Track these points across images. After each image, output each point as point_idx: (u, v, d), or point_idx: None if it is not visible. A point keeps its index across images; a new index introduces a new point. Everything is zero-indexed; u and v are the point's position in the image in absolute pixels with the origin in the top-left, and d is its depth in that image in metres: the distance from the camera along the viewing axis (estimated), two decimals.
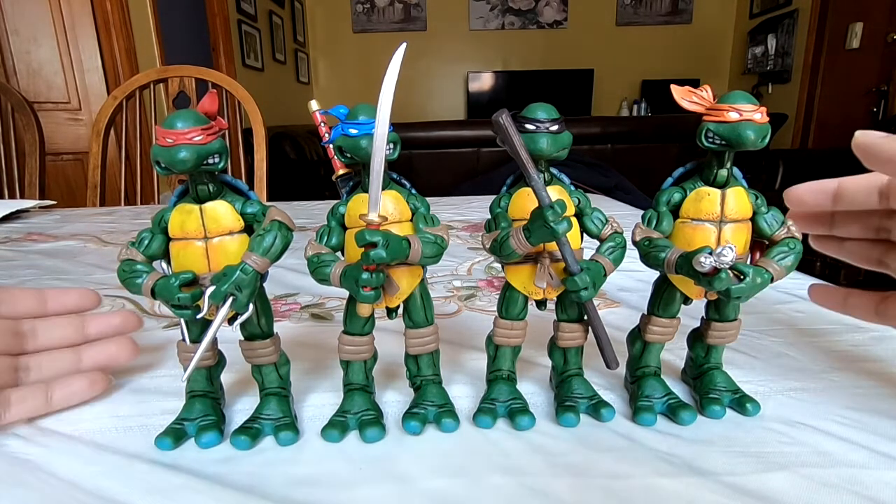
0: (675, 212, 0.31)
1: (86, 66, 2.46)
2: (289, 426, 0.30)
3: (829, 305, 0.36)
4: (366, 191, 0.29)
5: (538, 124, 0.29)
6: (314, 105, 0.35)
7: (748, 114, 0.27)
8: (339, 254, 0.30)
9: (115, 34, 2.44)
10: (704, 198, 0.30)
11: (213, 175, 0.29)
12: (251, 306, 0.29)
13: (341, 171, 0.33)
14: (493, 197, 0.32)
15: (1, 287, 0.35)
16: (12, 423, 0.31)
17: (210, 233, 0.29)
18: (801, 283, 0.57)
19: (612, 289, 0.56)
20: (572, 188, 0.32)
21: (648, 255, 0.31)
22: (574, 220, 0.31)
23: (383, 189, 0.29)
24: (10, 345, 0.33)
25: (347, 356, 0.32)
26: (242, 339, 0.31)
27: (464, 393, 0.35)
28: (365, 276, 0.27)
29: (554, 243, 0.29)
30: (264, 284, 0.31)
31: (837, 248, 0.35)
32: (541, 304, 0.32)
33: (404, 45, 0.27)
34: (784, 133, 4.21)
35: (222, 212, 0.29)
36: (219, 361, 0.32)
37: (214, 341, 0.31)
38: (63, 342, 0.36)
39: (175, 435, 0.30)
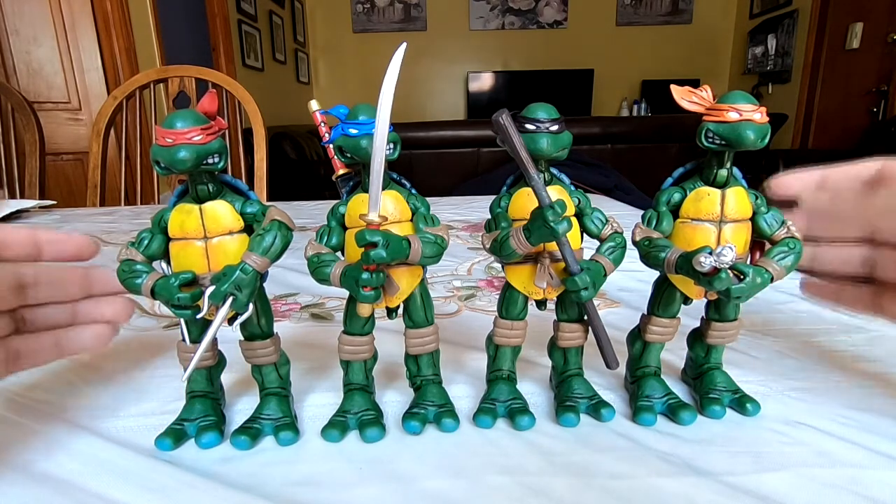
0: (675, 212, 0.31)
1: (86, 66, 2.46)
2: (289, 426, 0.30)
3: (823, 299, 0.36)
4: (366, 191, 0.29)
5: (538, 124, 0.29)
6: (314, 105, 0.35)
7: (748, 114, 0.27)
8: (339, 254, 0.30)
9: (115, 34, 2.44)
10: (704, 198, 0.30)
11: (212, 175, 0.29)
12: (251, 306, 0.29)
13: (341, 171, 0.33)
14: (493, 197, 0.32)
15: None
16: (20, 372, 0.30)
17: (210, 233, 0.29)
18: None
19: (612, 289, 0.56)
20: (572, 188, 0.32)
21: (648, 255, 0.31)
22: (574, 220, 0.31)
23: (383, 189, 0.29)
24: (11, 301, 0.31)
25: (347, 356, 0.32)
26: (242, 339, 0.31)
27: (464, 393, 0.35)
28: (365, 276, 0.27)
29: (554, 243, 0.29)
30: (264, 284, 0.31)
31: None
32: (541, 304, 0.32)
33: (404, 45, 0.27)
34: (784, 133, 4.21)
35: (222, 212, 0.29)
36: (219, 361, 0.32)
37: (214, 341, 0.31)
38: (65, 298, 0.33)
39: (175, 435, 0.30)
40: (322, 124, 0.34)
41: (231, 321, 0.29)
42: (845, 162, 0.34)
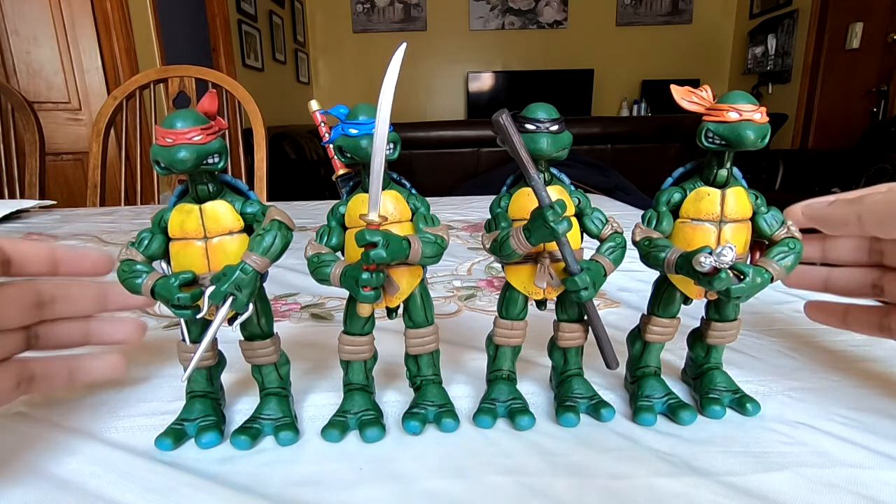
0: (675, 212, 0.31)
1: (86, 66, 2.46)
2: (289, 426, 0.30)
3: (828, 321, 0.37)
4: (366, 191, 0.29)
5: (538, 124, 0.29)
6: (314, 105, 0.35)
7: (748, 114, 0.27)
8: (339, 254, 0.30)
9: (115, 34, 2.44)
10: (704, 198, 0.30)
11: (212, 175, 0.29)
12: (251, 306, 0.29)
13: (341, 171, 0.33)
14: (493, 197, 0.32)
15: (7, 239, 0.30)
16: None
17: (210, 233, 0.29)
18: None
19: (612, 289, 0.56)
20: (572, 188, 0.32)
21: (648, 255, 0.31)
22: (574, 220, 0.31)
23: (383, 189, 0.29)
24: (28, 318, 0.31)
25: (347, 356, 0.32)
26: (242, 339, 0.31)
27: (464, 393, 0.35)
28: (365, 276, 0.27)
29: (554, 243, 0.29)
30: (264, 284, 0.31)
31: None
32: (541, 304, 0.32)
33: (404, 45, 0.27)
34: (784, 133, 4.21)
35: (222, 212, 0.29)
36: (219, 361, 0.32)
37: (214, 341, 0.31)
38: (80, 314, 0.34)
39: (175, 435, 0.30)
40: (322, 124, 0.34)
41: (231, 321, 0.29)
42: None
